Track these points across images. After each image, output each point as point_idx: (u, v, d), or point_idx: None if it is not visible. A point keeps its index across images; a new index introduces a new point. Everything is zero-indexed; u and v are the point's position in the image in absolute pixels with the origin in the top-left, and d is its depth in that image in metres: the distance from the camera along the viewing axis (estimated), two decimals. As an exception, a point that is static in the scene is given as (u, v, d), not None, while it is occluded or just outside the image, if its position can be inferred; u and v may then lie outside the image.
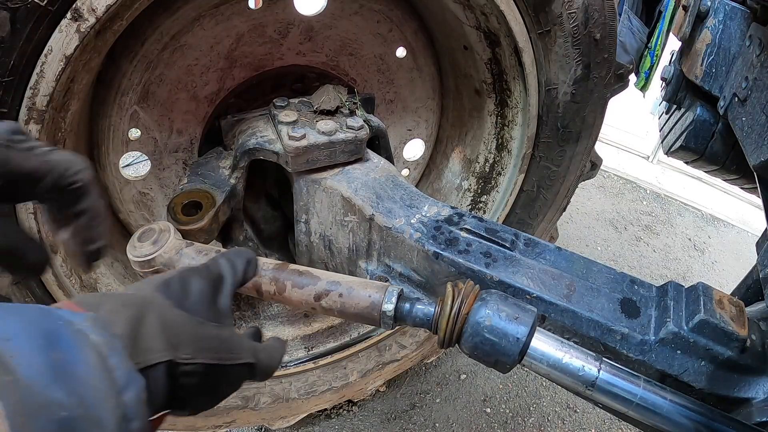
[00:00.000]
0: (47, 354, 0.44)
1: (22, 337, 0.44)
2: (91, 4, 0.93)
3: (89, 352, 0.47)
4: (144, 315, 0.59)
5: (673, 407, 0.85)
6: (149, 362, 0.56)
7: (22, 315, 0.46)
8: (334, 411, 2.26)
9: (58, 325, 0.48)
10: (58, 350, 0.45)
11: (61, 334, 0.47)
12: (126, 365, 0.50)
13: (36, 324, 0.46)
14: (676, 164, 4.15)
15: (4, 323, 0.44)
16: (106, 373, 0.47)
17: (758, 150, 1.09)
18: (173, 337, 0.59)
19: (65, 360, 0.45)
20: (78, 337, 0.48)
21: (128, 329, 0.55)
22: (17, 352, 0.42)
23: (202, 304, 0.67)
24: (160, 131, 1.44)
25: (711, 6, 1.37)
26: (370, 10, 1.56)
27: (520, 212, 1.85)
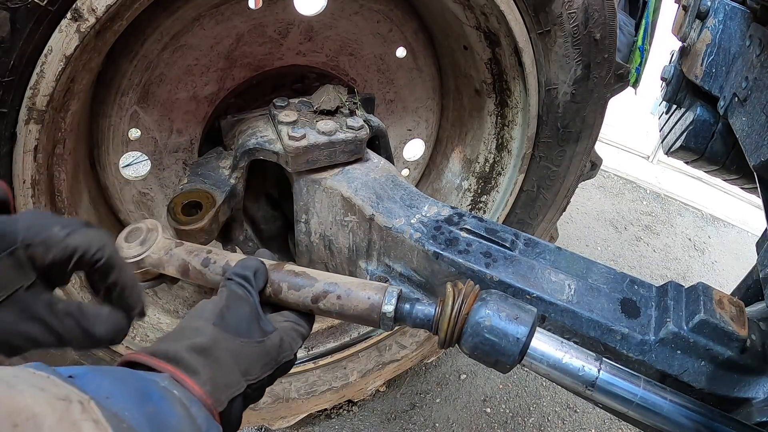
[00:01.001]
0: (143, 408, 0.50)
1: (118, 395, 0.49)
2: (91, 4, 0.93)
3: (176, 405, 0.54)
4: (219, 357, 0.67)
5: (673, 407, 0.85)
6: (231, 397, 0.65)
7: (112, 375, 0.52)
8: (334, 411, 2.26)
9: (146, 382, 0.54)
10: (152, 405, 0.51)
11: (151, 391, 0.53)
12: (205, 414, 0.57)
13: (127, 383, 0.52)
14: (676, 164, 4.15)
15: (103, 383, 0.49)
16: (191, 421, 0.54)
17: (758, 150, 1.09)
18: (243, 365, 0.69)
19: (158, 412, 0.51)
20: (165, 393, 0.54)
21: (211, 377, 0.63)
22: (118, 408, 0.46)
23: (252, 324, 0.75)
24: (160, 131, 1.44)
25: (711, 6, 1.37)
26: (370, 10, 1.56)
27: (520, 212, 1.85)
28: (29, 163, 1.01)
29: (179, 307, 1.68)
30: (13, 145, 0.98)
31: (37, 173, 1.04)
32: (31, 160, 1.01)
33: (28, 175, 1.03)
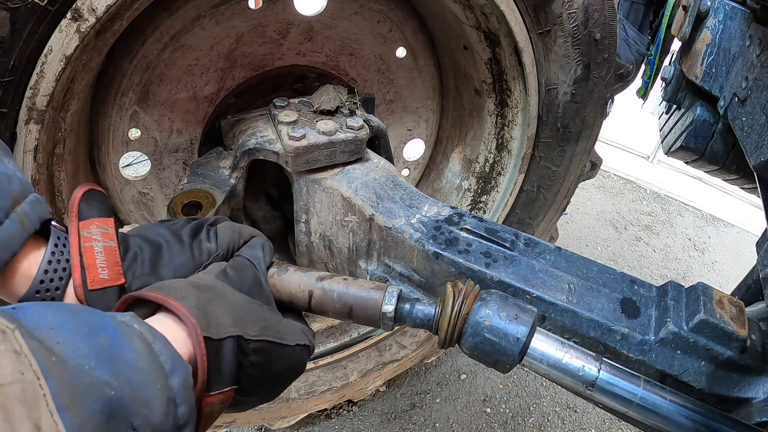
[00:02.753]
0: (92, 339, 0.44)
1: (67, 325, 0.44)
2: (91, 4, 0.93)
3: (134, 339, 0.48)
4: (213, 296, 0.62)
5: (673, 407, 0.85)
6: (220, 335, 0.59)
7: (66, 308, 0.47)
8: (334, 411, 2.26)
9: (102, 316, 0.49)
10: (104, 336, 0.46)
11: (106, 323, 0.48)
12: (171, 351, 0.51)
13: (80, 315, 0.47)
14: (676, 164, 4.15)
15: (47, 314, 0.44)
16: (152, 357, 0.48)
17: (758, 150, 1.09)
18: (240, 316, 0.63)
19: (111, 345, 0.45)
20: (123, 326, 0.49)
21: (201, 305, 0.58)
22: (62, 338, 0.42)
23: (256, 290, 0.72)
24: (160, 131, 1.44)
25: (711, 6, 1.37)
26: (370, 10, 1.56)
27: (520, 212, 1.85)
28: (29, 163, 1.02)
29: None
30: (13, 145, 0.98)
31: (37, 173, 1.04)
32: (31, 160, 1.01)
33: (28, 175, 1.03)
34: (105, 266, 0.65)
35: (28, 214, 0.60)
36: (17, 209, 0.59)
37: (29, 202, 0.61)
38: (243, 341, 0.62)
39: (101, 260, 0.65)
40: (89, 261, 0.63)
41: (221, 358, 0.59)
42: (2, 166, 0.60)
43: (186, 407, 0.50)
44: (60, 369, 0.39)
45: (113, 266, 0.66)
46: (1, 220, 0.57)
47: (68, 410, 0.37)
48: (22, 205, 0.60)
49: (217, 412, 0.60)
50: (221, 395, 0.59)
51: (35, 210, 0.61)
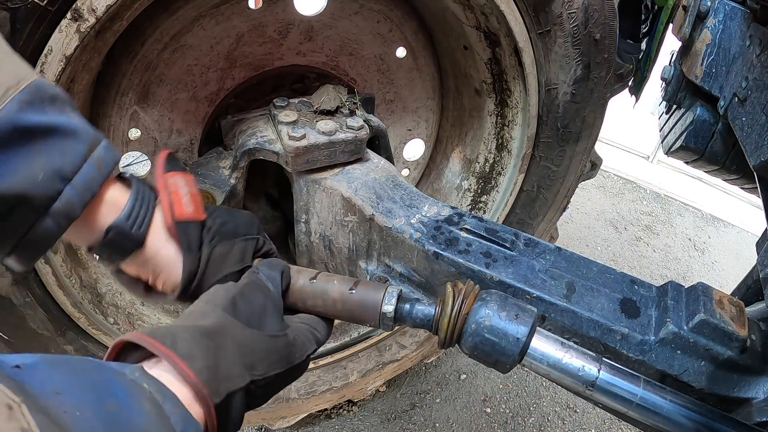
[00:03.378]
0: (100, 406, 0.43)
1: (74, 389, 0.42)
2: (91, 4, 0.93)
3: (144, 401, 0.47)
4: (221, 344, 0.61)
5: (673, 407, 0.85)
6: (230, 390, 0.58)
7: (69, 367, 0.45)
8: (334, 411, 2.26)
9: (110, 374, 0.47)
10: (112, 402, 0.44)
11: (114, 385, 0.46)
12: (181, 411, 0.50)
13: (86, 376, 0.45)
14: (676, 164, 4.15)
15: (52, 376, 0.42)
16: (162, 420, 0.47)
17: (758, 150, 1.09)
18: (248, 358, 0.63)
19: (119, 411, 0.44)
20: (132, 387, 0.47)
21: (210, 363, 0.57)
22: (69, 406, 0.40)
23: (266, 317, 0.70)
24: (160, 131, 1.44)
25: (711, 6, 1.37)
26: (370, 10, 1.56)
27: (520, 212, 1.85)
28: (29, 163, 1.01)
29: (179, 308, 1.68)
30: (13, 145, 0.98)
31: (37, 173, 1.04)
32: (31, 160, 1.01)
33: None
34: (190, 204, 0.77)
35: (104, 159, 0.67)
36: (93, 154, 0.66)
37: (103, 148, 0.68)
38: (251, 385, 0.63)
39: (186, 200, 0.77)
40: (176, 198, 0.75)
41: (231, 411, 0.59)
42: (72, 117, 0.65)
43: None
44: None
45: (197, 206, 0.78)
46: (79, 165, 0.64)
47: None
48: (97, 150, 0.67)
49: None
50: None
51: (110, 154, 0.69)
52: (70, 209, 0.64)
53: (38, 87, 0.61)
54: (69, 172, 0.63)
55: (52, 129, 0.62)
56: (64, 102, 0.65)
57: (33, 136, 0.60)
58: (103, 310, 1.42)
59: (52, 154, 0.62)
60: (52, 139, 0.62)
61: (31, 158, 0.60)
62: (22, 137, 0.59)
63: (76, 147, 0.64)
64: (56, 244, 1.23)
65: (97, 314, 1.39)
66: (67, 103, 0.66)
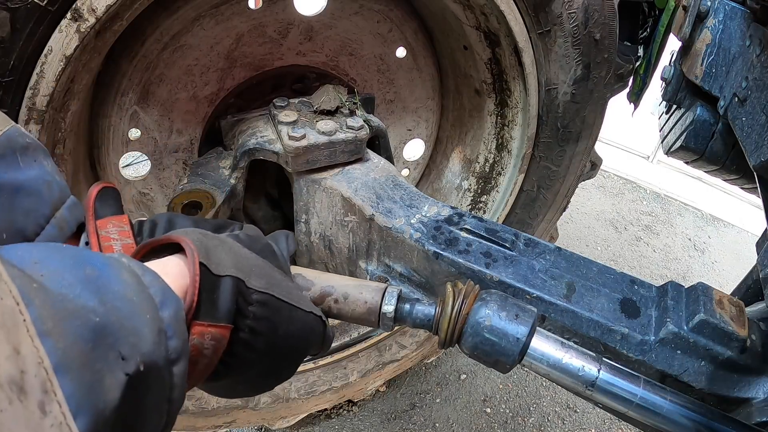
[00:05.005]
0: (78, 270, 0.43)
1: (53, 258, 0.43)
2: (91, 4, 0.93)
3: (123, 271, 0.47)
4: (219, 243, 0.59)
5: (673, 407, 0.85)
6: (219, 272, 0.56)
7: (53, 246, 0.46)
8: (334, 411, 2.26)
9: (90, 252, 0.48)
10: (90, 268, 0.44)
11: (93, 257, 0.46)
12: (161, 284, 0.49)
13: (67, 250, 0.45)
14: (676, 164, 4.15)
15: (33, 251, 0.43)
16: (141, 288, 0.47)
17: (758, 150, 1.09)
18: (244, 266, 0.60)
19: (97, 276, 0.44)
20: (110, 260, 0.47)
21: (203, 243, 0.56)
22: (47, 270, 0.41)
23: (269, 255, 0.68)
24: (160, 131, 1.44)
25: (711, 6, 1.37)
26: (370, 10, 1.56)
27: (520, 212, 1.85)
28: (29, 163, 1.01)
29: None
30: (13, 145, 0.98)
31: (37, 173, 1.04)
32: (31, 160, 1.01)
33: (28, 175, 1.03)
34: None
35: (67, 219, 0.64)
36: (57, 215, 0.63)
37: (67, 207, 0.65)
38: (245, 287, 0.59)
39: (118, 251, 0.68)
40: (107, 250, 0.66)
41: (217, 293, 0.56)
42: (42, 170, 0.63)
43: (178, 340, 0.48)
44: (42, 295, 0.37)
45: None
46: (42, 226, 0.61)
47: (50, 335, 0.36)
48: (61, 210, 0.64)
49: (209, 349, 0.56)
50: (214, 328, 0.56)
51: (73, 214, 0.66)
52: None
53: (9, 138, 0.60)
54: (31, 233, 0.61)
55: (19, 187, 0.60)
56: (36, 151, 0.64)
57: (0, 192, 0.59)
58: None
59: (17, 214, 0.60)
60: (18, 198, 0.60)
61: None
62: None
63: (40, 208, 0.62)
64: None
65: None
66: (40, 152, 0.65)
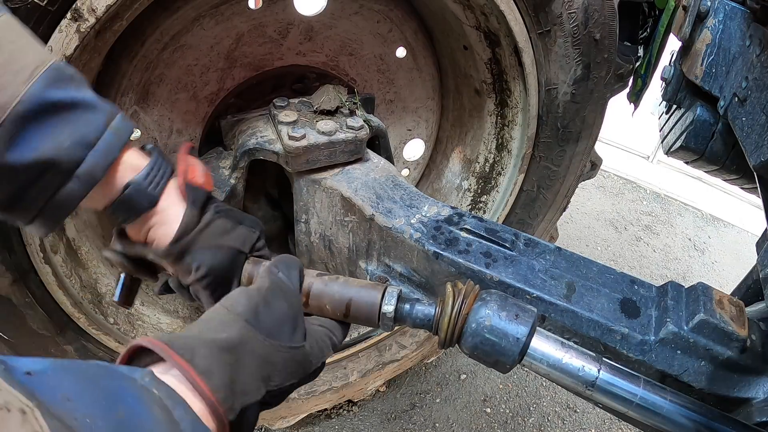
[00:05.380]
0: (111, 413, 0.43)
1: (85, 396, 0.43)
2: (91, 4, 0.93)
3: (154, 407, 0.47)
4: (241, 358, 0.62)
5: (673, 407, 0.85)
6: (246, 404, 0.59)
7: (79, 373, 0.45)
8: (334, 411, 2.26)
9: (120, 379, 0.48)
10: (122, 408, 0.44)
11: (125, 391, 0.46)
12: (191, 417, 0.50)
13: (95, 381, 0.45)
14: (676, 164, 4.15)
15: (62, 382, 0.43)
16: (172, 426, 0.47)
17: (758, 150, 1.09)
18: (266, 370, 0.64)
19: (130, 418, 0.44)
20: (142, 393, 0.47)
21: (227, 380, 0.58)
22: (80, 413, 0.40)
23: (287, 326, 0.71)
24: (160, 131, 1.44)
25: (711, 6, 1.37)
26: (370, 10, 1.56)
27: (520, 212, 1.85)
28: (29, 163, 1.01)
29: (179, 307, 1.68)
30: (13, 145, 0.98)
31: (37, 173, 1.04)
32: (31, 160, 1.01)
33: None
34: (202, 176, 0.88)
35: (121, 128, 0.76)
36: (112, 124, 0.75)
37: (119, 119, 0.77)
38: (266, 396, 0.64)
39: (200, 172, 0.88)
40: (191, 169, 0.87)
41: (244, 424, 0.60)
42: (90, 95, 0.74)
43: None
44: None
45: (208, 180, 0.89)
46: (102, 132, 0.73)
47: None
48: (115, 120, 0.76)
49: None
50: None
51: (125, 124, 0.78)
52: (94, 172, 0.73)
53: (59, 68, 0.70)
54: (92, 139, 0.72)
55: (75, 103, 0.71)
56: (80, 81, 0.74)
57: (59, 109, 0.69)
58: (103, 310, 1.42)
59: (77, 124, 0.71)
60: (76, 112, 0.71)
61: (58, 129, 0.69)
62: (49, 111, 0.68)
63: (96, 118, 0.73)
64: (56, 245, 1.23)
65: (97, 314, 1.39)
66: (84, 82, 0.75)
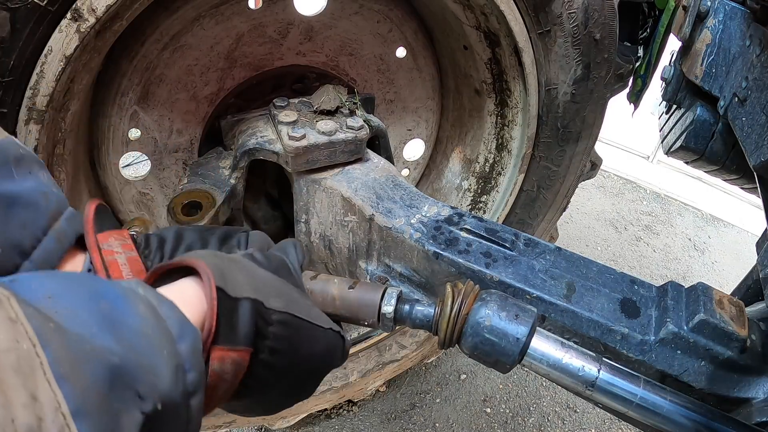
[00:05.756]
0: (93, 306, 0.42)
1: (67, 293, 0.42)
2: (91, 4, 0.93)
3: (138, 303, 0.46)
4: (234, 264, 0.59)
5: (673, 407, 0.85)
6: (236, 295, 0.55)
7: (62, 276, 0.45)
8: (334, 411, 2.26)
9: (104, 282, 0.47)
10: (105, 302, 0.43)
11: (108, 290, 0.45)
12: (178, 315, 0.48)
13: (81, 282, 0.45)
14: (676, 164, 4.15)
15: (45, 283, 0.42)
16: (157, 322, 0.46)
17: (758, 150, 1.09)
18: (262, 287, 0.60)
19: (113, 311, 0.43)
20: (126, 291, 0.46)
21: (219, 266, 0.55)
22: (61, 306, 0.40)
23: (284, 273, 0.67)
24: (160, 131, 1.44)
25: (711, 6, 1.37)
26: (370, 10, 1.56)
27: (520, 212, 1.85)
28: (29, 163, 1.01)
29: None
30: (13, 145, 0.98)
31: (37, 173, 1.04)
32: (31, 160, 1.01)
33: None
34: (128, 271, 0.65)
35: (65, 231, 0.63)
36: (54, 226, 0.61)
37: (66, 219, 0.63)
38: (263, 308, 0.58)
39: (126, 272, 0.65)
40: (115, 275, 0.64)
41: (236, 316, 0.55)
42: (37, 182, 0.61)
43: (195, 373, 0.47)
44: (58, 337, 0.36)
45: (139, 275, 0.66)
46: (39, 239, 0.60)
47: (67, 379, 0.35)
48: (59, 221, 0.62)
49: (229, 374, 0.55)
50: (233, 353, 0.55)
51: (71, 226, 0.64)
52: None
53: (3, 149, 0.58)
54: (28, 246, 0.59)
55: (14, 199, 0.58)
56: (31, 162, 0.62)
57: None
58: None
59: (13, 227, 0.58)
60: (14, 210, 0.58)
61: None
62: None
63: (37, 220, 0.60)
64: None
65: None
66: (35, 163, 0.63)
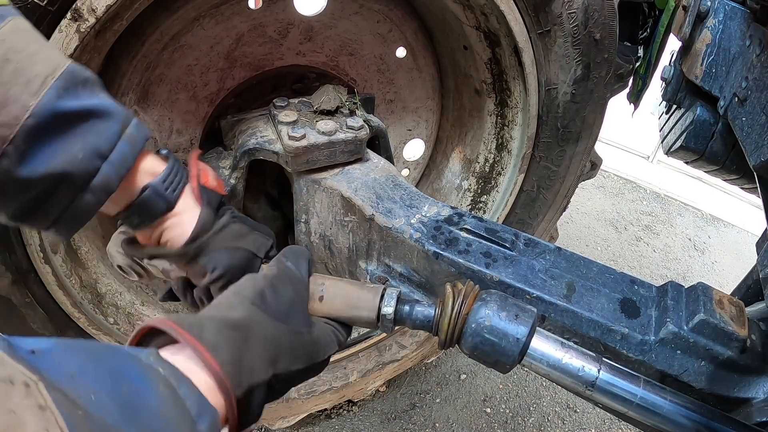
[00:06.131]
0: (116, 389, 0.43)
1: (89, 373, 0.43)
2: (91, 4, 0.93)
3: (159, 385, 0.47)
4: (248, 337, 0.62)
5: (673, 407, 0.85)
6: (252, 383, 0.59)
7: (84, 351, 0.45)
8: (334, 411, 2.26)
9: (125, 358, 0.48)
10: (127, 385, 0.44)
11: (129, 369, 0.46)
12: (196, 395, 0.50)
13: (100, 360, 0.45)
14: (676, 164, 4.15)
15: (67, 360, 0.43)
16: (177, 403, 0.47)
17: (758, 150, 1.09)
18: (273, 351, 0.64)
19: (134, 394, 0.44)
20: (147, 371, 0.48)
21: (234, 355, 0.58)
22: (84, 390, 0.40)
23: (294, 312, 0.71)
24: (160, 131, 1.44)
25: (711, 6, 1.37)
26: (370, 10, 1.56)
27: (520, 212, 1.85)
28: (29, 163, 1.01)
29: (179, 308, 1.68)
30: (13, 145, 0.98)
31: (37, 173, 1.04)
32: (31, 160, 1.01)
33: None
34: (215, 180, 0.89)
35: (136, 136, 0.74)
36: (126, 132, 0.72)
37: (134, 125, 0.74)
38: (273, 378, 0.63)
39: (212, 177, 0.89)
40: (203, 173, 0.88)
41: (251, 403, 0.60)
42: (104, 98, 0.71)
43: None
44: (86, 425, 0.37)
45: (220, 184, 0.90)
46: (115, 143, 0.70)
47: None
48: (129, 128, 0.73)
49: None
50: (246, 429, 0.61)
51: (140, 131, 0.75)
52: (108, 183, 0.71)
53: (71, 73, 0.66)
54: (106, 150, 0.69)
55: (88, 112, 0.67)
56: (94, 84, 0.70)
57: (71, 120, 0.66)
58: (103, 310, 1.42)
59: (90, 135, 0.68)
60: (89, 121, 0.68)
61: (71, 141, 0.67)
62: (62, 122, 0.65)
63: (110, 127, 0.70)
64: (56, 245, 1.23)
65: (97, 314, 1.39)
66: (98, 85, 0.71)
